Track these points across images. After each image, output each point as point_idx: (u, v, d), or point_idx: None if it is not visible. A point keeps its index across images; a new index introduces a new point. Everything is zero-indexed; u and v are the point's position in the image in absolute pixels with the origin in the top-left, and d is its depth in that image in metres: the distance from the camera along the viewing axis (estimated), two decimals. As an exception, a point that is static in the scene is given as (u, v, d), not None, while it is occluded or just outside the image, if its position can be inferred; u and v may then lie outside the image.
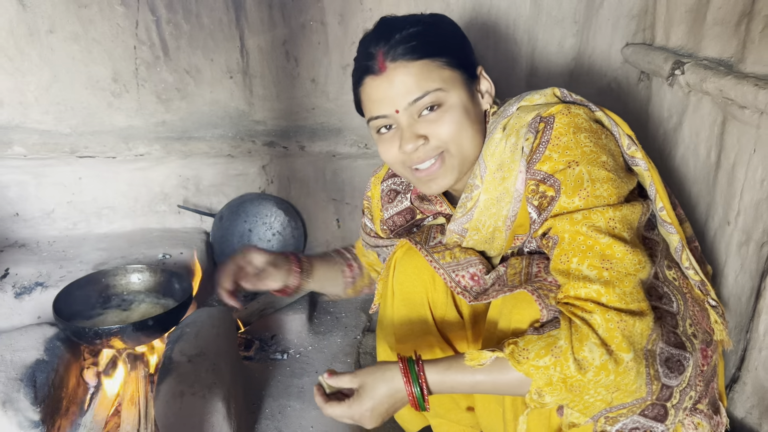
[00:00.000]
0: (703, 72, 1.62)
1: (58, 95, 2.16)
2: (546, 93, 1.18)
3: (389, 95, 1.13)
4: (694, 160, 1.75)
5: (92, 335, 1.58)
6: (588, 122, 1.09)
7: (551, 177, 1.05)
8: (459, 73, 1.16)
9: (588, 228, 1.00)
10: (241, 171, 2.28)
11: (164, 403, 1.43)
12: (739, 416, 1.54)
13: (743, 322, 1.55)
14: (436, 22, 1.20)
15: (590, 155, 1.04)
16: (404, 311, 1.36)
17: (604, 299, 0.97)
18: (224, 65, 2.17)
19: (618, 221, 1.01)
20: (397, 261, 1.36)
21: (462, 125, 1.15)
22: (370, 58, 1.14)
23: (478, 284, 1.25)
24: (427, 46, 1.13)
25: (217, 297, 1.58)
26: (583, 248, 1.00)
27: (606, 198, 1.02)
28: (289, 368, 1.92)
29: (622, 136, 1.14)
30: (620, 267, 0.98)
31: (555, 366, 0.95)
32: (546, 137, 1.08)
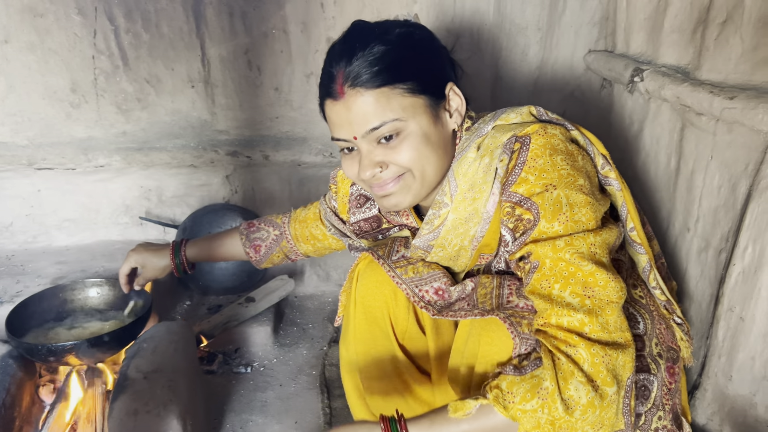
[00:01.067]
0: (662, 79, 1.63)
1: (14, 106, 2.12)
2: (522, 112, 1.15)
3: (347, 121, 1.09)
4: (655, 167, 1.76)
5: (45, 352, 1.54)
6: (564, 143, 1.07)
7: (528, 200, 1.03)
8: (423, 99, 1.10)
9: (571, 255, 0.98)
10: (204, 181, 2.25)
11: (118, 421, 1.39)
12: (701, 423, 1.54)
13: (704, 328, 1.55)
14: (406, 38, 1.11)
15: (567, 178, 1.03)
16: (365, 325, 1.35)
17: (587, 329, 0.95)
18: (185, 75, 2.14)
19: (599, 246, 1.00)
20: (360, 273, 1.34)
21: (421, 152, 1.10)
22: (331, 79, 1.09)
23: (442, 298, 1.23)
24: (388, 72, 1.06)
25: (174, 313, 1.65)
26: (565, 274, 0.98)
27: (585, 223, 1.01)
28: (252, 382, 1.89)
29: (597, 156, 1.13)
30: (602, 295, 0.97)
31: (543, 408, 0.92)
32: (522, 158, 1.05)
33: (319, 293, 2.41)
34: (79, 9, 2.01)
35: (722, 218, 1.48)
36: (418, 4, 2.08)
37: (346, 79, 1.06)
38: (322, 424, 1.69)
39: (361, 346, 1.36)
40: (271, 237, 1.62)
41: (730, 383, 1.45)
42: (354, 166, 1.15)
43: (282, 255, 1.64)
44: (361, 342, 1.36)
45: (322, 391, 1.83)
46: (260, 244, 1.62)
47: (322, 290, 2.42)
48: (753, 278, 1.36)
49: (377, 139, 1.10)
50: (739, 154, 1.41)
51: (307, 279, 2.42)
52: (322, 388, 1.84)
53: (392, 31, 1.10)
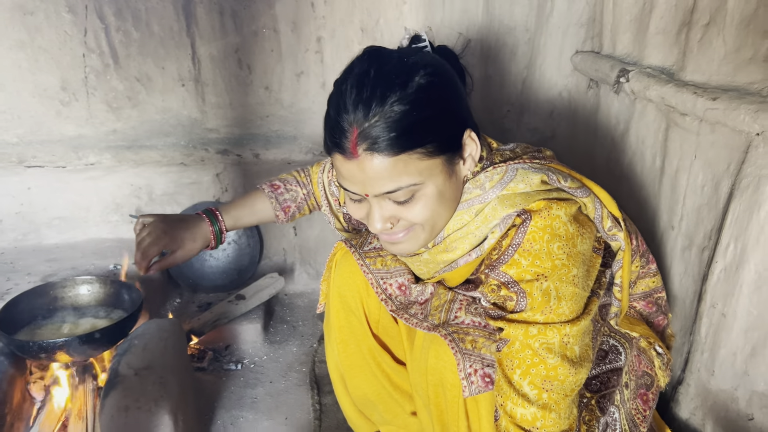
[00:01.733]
0: (647, 80, 1.65)
1: (3, 104, 2.12)
2: (532, 182, 1.08)
3: (359, 179, 1.02)
4: (641, 167, 1.79)
5: (36, 349, 1.54)
6: (566, 226, 1.02)
7: (516, 284, 1.02)
8: (440, 159, 1.03)
9: (539, 345, 0.98)
10: (194, 179, 2.26)
11: (109, 417, 1.40)
12: (684, 417, 1.57)
13: (687, 324, 1.58)
14: (427, 92, 1.00)
15: (561, 270, 1.00)
16: (343, 314, 1.39)
17: (538, 424, 0.98)
18: (176, 73, 2.15)
19: (572, 336, 1.00)
20: (337, 262, 1.38)
21: (434, 210, 1.06)
22: (342, 134, 0.99)
23: (404, 294, 1.27)
24: (408, 138, 0.98)
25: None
26: (528, 363, 0.99)
27: (567, 315, 1.00)
28: (242, 378, 1.90)
29: (605, 219, 1.10)
30: (560, 389, 0.99)
31: None
32: (518, 239, 1.02)
33: (309, 291, 2.42)
34: (70, 7, 2.01)
35: (705, 216, 1.51)
36: (408, 5, 2.10)
37: (360, 140, 0.97)
38: (312, 420, 1.71)
39: (340, 334, 1.40)
40: (300, 196, 1.55)
41: (712, 378, 1.48)
42: (361, 211, 1.11)
43: (307, 211, 1.58)
44: (340, 330, 1.40)
45: (312, 388, 1.85)
46: (290, 205, 1.55)
47: (312, 288, 2.44)
48: (734, 275, 1.39)
49: (390, 198, 1.04)
50: (722, 154, 1.44)
51: (297, 277, 2.44)
52: (312, 385, 1.86)
53: (413, 81, 0.99)
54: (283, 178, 1.58)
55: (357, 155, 0.98)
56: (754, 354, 1.38)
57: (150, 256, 1.42)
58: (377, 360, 1.38)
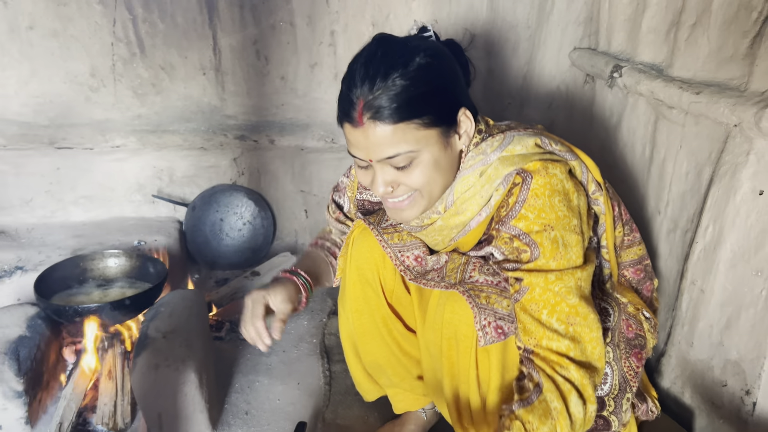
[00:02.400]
0: (638, 75, 1.77)
1: (37, 89, 2.24)
2: (528, 144, 1.22)
3: (364, 146, 1.16)
4: (631, 156, 1.91)
5: (72, 313, 1.68)
6: (562, 183, 1.18)
7: (526, 235, 1.16)
8: (436, 130, 1.16)
9: (560, 288, 1.14)
10: (213, 163, 2.39)
11: (140, 374, 1.54)
12: (666, 386, 1.70)
13: (671, 302, 1.71)
14: (426, 71, 1.14)
15: (563, 220, 1.16)
16: (359, 285, 1.50)
17: (572, 353, 1.12)
18: (197, 62, 2.28)
19: (584, 280, 1.16)
20: (354, 239, 1.49)
21: (431, 176, 1.19)
22: (351, 105, 1.14)
23: (420, 265, 1.40)
24: (407, 110, 1.12)
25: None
26: (552, 303, 1.14)
27: (575, 260, 1.16)
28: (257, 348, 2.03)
29: (590, 182, 1.26)
30: (584, 325, 1.14)
31: (555, 428, 1.09)
32: (522, 196, 1.17)
33: (318, 271, 2.55)
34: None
35: (689, 202, 1.64)
36: (416, 1, 2.22)
37: (366, 110, 1.11)
38: (322, 385, 1.84)
39: (355, 304, 1.51)
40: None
41: (691, 349, 1.61)
42: (368, 178, 1.24)
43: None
44: (355, 300, 1.51)
45: (322, 357, 1.98)
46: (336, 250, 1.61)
47: (321, 268, 2.56)
48: (712, 254, 1.51)
49: (391, 164, 1.17)
50: (704, 144, 1.56)
51: (308, 257, 2.57)
52: (322, 354, 1.99)
53: (413, 61, 1.13)
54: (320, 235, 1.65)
55: (362, 123, 1.13)
56: (728, 326, 1.50)
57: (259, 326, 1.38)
58: (389, 327, 1.50)
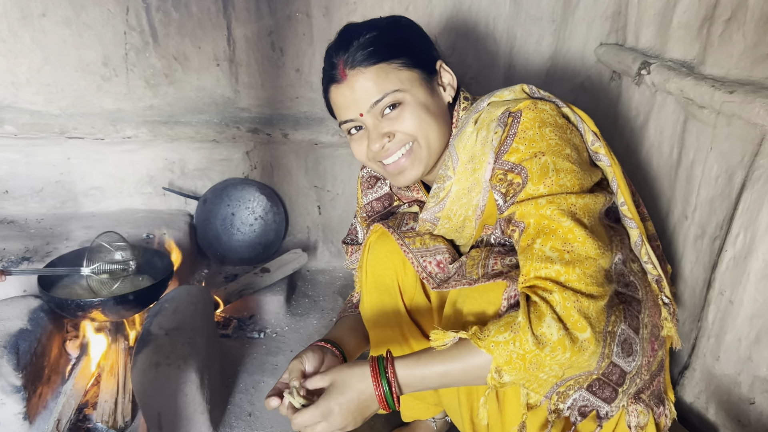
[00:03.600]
0: (667, 72, 1.69)
1: (49, 77, 2.21)
2: (515, 89, 1.23)
3: (352, 100, 1.20)
4: (658, 157, 1.82)
5: (74, 307, 1.64)
6: (553, 117, 1.14)
7: (518, 166, 1.11)
8: (417, 72, 1.21)
9: (552, 211, 1.05)
10: (225, 156, 2.34)
11: (140, 372, 1.50)
12: (689, 401, 1.62)
13: (696, 312, 1.63)
14: (393, 25, 1.25)
15: (555, 147, 1.10)
16: (375, 294, 1.43)
17: (563, 278, 1.02)
18: (211, 53, 2.23)
19: (580, 208, 1.07)
20: (371, 245, 1.42)
21: (423, 119, 1.20)
22: (333, 67, 1.21)
23: (443, 271, 1.32)
24: (382, 50, 1.18)
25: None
26: (546, 231, 1.06)
27: (569, 187, 1.08)
28: (264, 347, 1.99)
29: (587, 132, 1.19)
30: (581, 250, 1.03)
31: (514, 341, 0.99)
32: (513, 130, 1.13)
33: (330, 268, 2.51)
34: (113, -14, 2.11)
35: (718, 207, 1.55)
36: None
37: (346, 64, 1.18)
38: (329, 388, 1.79)
39: (371, 313, 1.44)
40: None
41: (717, 363, 1.53)
42: (362, 145, 1.25)
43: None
44: (372, 309, 1.44)
45: (330, 358, 1.92)
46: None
47: (333, 266, 2.52)
48: (743, 264, 1.43)
49: (381, 112, 1.20)
50: (737, 146, 1.48)
51: (320, 254, 2.52)
52: (330, 356, 1.94)
53: (379, 22, 1.23)
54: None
55: (345, 77, 1.19)
56: (758, 340, 1.42)
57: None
58: (406, 336, 1.43)
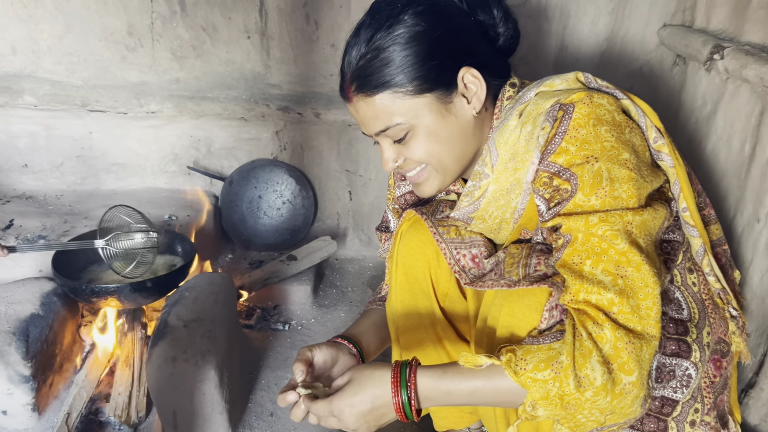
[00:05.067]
0: (744, 58, 1.52)
1: (71, 46, 2.11)
2: (568, 78, 1.08)
3: (360, 121, 1.11)
4: (726, 152, 1.66)
5: (89, 293, 1.55)
6: (611, 113, 0.99)
7: (567, 170, 0.97)
8: (427, 97, 1.06)
9: (604, 231, 0.93)
10: (253, 135, 2.22)
11: (156, 366, 1.39)
12: (753, 423, 1.48)
13: (765, 324, 1.48)
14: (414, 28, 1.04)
15: (611, 151, 0.96)
16: (406, 287, 1.32)
17: (615, 309, 0.90)
18: (242, 24, 2.10)
19: (636, 227, 0.94)
20: (403, 233, 1.31)
21: (432, 148, 1.09)
22: (342, 79, 1.09)
23: (477, 267, 1.20)
24: (389, 78, 1.03)
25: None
26: (597, 251, 0.93)
27: (625, 200, 0.94)
28: (289, 339, 1.88)
29: (650, 128, 1.04)
30: (636, 277, 0.91)
31: (554, 381, 0.89)
32: (563, 127, 0.99)
33: (360, 257, 2.38)
34: (140, -50, 1.99)
35: (798, 210, 1.40)
36: (486, -35, 2.00)
37: (351, 83, 1.06)
38: (356, 388, 1.67)
39: (401, 308, 1.33)
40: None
41: (789, 384, 1.38)
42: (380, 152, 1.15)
43: None
44: (402, 303, 1.33)
45: (358, 355, 1.81)
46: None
47: (363, 255, 2.39)
48: (827, 276, 1.28)
49: (388, 137, 1.09)
50: (824, 143, 1.32)
51: (349, 242, 2.39)
52: (358, 352, 1.82)
53: (399, 21, 1.04)
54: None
55: (351, 99, 1.07)
56: (840, 361, 1.27)
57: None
58: (439, 335, 1.32)
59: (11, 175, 2.21)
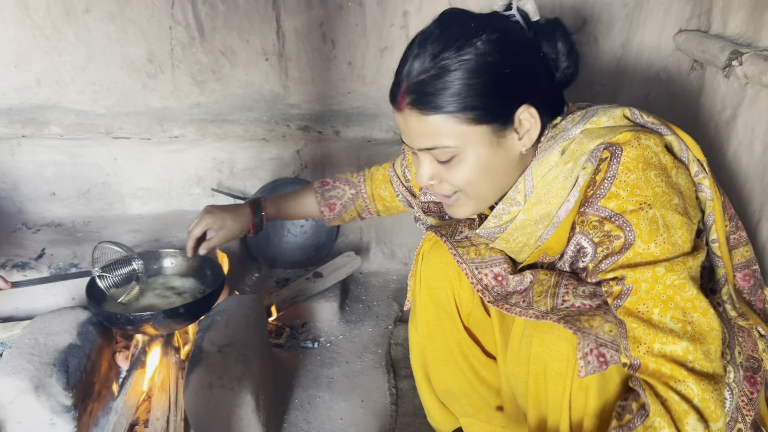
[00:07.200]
0: (763, 64, 1.52)
1: (93, 75, 2.15)
2: (615, 114, 1.06)
3: (405, 132, 1.08)
4: (748, 157, 1.66)
5: (124, 321, 1.57)
6: (658, 156, 0.99)
7: (619, 216, 0.97)
8: (484, 128, 1.03)
9: (673, 280, 0.94)
10: (275, 155, 2.25)
11: (193, 394, 1.42)
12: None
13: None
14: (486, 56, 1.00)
15: (663, 197, 0.96)
16: (432, 307, 1.34)
17: (690, 358, 0.91)
18: (260, 47, 2.13)
19: (696, 270, 0.96)
20: (425, 254, 1.33)
21: (476, 177, 1.07)
22: (397, 85, 1.05)
23: (500, 285, 1.20)
24: (451, 99, 1.00)
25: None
26: (663, 298, 0.94)
27: (682, 246, 0.96)
28: (319, 357, 1.90)
29: (692, 162, 1.05)
30: (703, 322, 0.93)
31: None
32: (612, 171, 0.98)
33: (383, 270, 2.40)
34: (158, -21, 2.02)
35: (824, 215, 1.39)
36: (499, -22, 2.01)
37: (407, 94, 1.02)
38: (388, 405, 1.69)
39: (427, 328, 1.36)
40: (347, 195, 1.60)
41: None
42: (417, 165, 1.13)
43: (355, 213, 1.64)
44: (427, 324, 1.35)
45: (387, 371, 1.83)
46: (335, 203, 1.61)
47: (386, 268, 2.41)
48: None
49: (432, 155, 1.07)
50: None
51: (372, 256, 2.41)
52: (387, 368, 1.84)
53: (471, 44, 0.99)
54: (335, 177, 1.64)
55: (402, 109, 1.03)
56: None
57: (194, 237, 1.59)
58: (465, 354, 1.34)
59: (40, 204, 2.26)
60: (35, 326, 1.59)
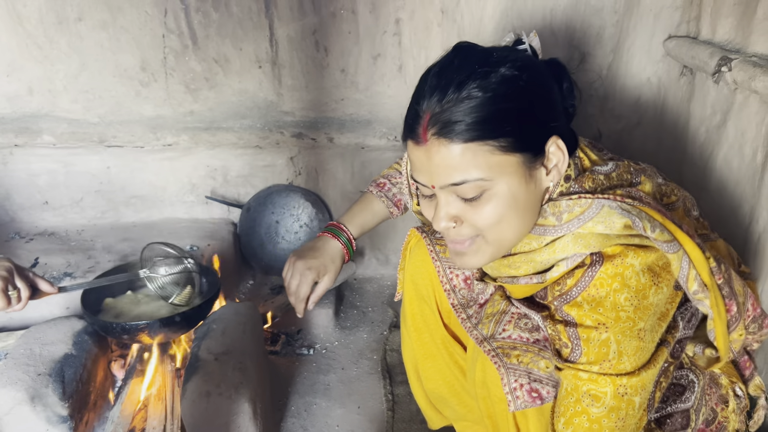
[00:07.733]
0: (752, 69, 1.54)
1: (86, 84, 2.14)
2: (614, 225, 0.96)
3: (427, 169, 0.98)
4: (739, 161, 1.68)
5: (119, 330, 1.57)
6: (638, 276, 0.94)
7: (574, 328, 0.97)
8: (517, 157, 0.96)
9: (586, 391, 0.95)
10: (269, 162, 2.25)
11: (191, 402, 1.42)
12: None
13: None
14: (510, 84, 0.94)
15: (625, 323, 0.94)
16: (417, 302, 1.38)
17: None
18: (253, 55, 2.14)
19: (630, 387, 0.94)
20: (411, 249, 1.37)
21: (504, 216, 0.99)
22: (415, 118, 0.97)
23: (468, 288, 1.24)
24: (481, 127, 0.92)
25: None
26: (571, 412, 0.97)
27: (627, 369, 0.95)
28: (315, 364, 1.90)
29: (692, 281, 0.97)
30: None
31: None
32: (584, 282, 0.97)
33: (378, 276, 2.41)
34: (151, -13, 2.02)
35: (814, 218, 1.41)
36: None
37: (431, 125, 0.94)
38: (384, 410, 1.70)
39: (414, 322, 1.40)
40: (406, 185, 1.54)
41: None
42: (430, 209, 1.06)
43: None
44: (413, 317, 1.40)
45: (383, 377, 1.83)
46: (400, 198, 1.53)
47: (381, 273, 2.42)
48: None
49: (457, 194, 0.99)
50: (837, 152, 1.33)
51: (367, 262, 2.42)
52: (383, 374, 1.84)
53: (496, 72, 0.94)
54: (385, 174, 1.56)
55: (426, 141, 0.95)
56: None
57: (304, 297, 1.47)
58: (449, 350, 1.37)
59: (33, 213, 2.25)
60: (30, 336, 1.58)
